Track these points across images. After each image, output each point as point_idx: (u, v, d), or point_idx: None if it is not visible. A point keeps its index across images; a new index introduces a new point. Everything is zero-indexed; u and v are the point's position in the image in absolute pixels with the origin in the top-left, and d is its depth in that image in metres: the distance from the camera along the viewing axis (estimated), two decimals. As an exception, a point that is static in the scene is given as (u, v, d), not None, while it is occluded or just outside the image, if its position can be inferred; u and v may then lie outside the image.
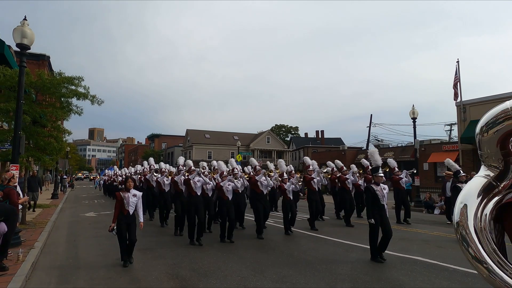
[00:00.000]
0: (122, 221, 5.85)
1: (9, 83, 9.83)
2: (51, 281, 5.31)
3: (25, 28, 7.66)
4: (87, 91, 11.47)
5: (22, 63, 7.90)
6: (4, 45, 9.09)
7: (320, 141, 57.22)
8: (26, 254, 6.35)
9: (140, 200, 6.09)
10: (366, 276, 5.43)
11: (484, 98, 18.12)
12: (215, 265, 6.08)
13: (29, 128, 10.60)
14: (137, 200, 6.01)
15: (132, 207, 5.96)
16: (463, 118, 18.64)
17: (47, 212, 13.29)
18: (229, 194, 8.30)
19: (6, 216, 5.47)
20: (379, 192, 6.43)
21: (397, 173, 11.42)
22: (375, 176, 6.72)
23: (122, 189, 6.13)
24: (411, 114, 17.53)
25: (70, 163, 36.57)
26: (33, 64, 25.35)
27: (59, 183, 24.29)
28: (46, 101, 12.02)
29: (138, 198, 6.05)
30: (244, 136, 60.19)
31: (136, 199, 6.01)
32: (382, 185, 6.58)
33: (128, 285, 5.04)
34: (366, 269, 5.86)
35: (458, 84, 18.14)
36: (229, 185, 8.34)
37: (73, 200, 20.95)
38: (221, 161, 10.38)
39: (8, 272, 5.32)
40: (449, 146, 26.22)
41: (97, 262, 6.36)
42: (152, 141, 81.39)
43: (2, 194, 6.09)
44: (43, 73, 11.31)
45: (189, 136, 58.66)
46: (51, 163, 12.37)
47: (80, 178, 66.18)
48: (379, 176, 6.67)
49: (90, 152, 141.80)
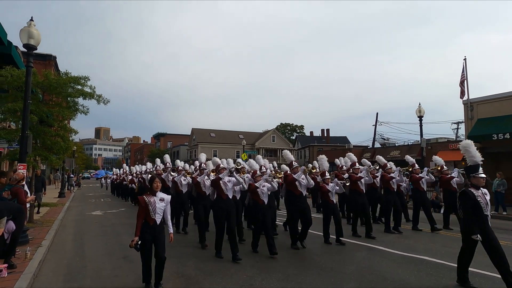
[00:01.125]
0: (147, 233, 4.62)
1: (16, 83, 9.93)
2: (58, 279, 5.37)
3: (32, 29, 7.73)
4: (93, 90, 11.56)
5: (29, 63, 7.98)
6: (11, 45, 9.17)
7: (326, 140, 57.07)
8: (33, 252, 6.42)
9: (169, 205, 4.90)
10: (371, 276, 5.40)
11: (492, 96, 17.90)
12: (220, 264, 6.09)
13: (36, 128, 10.71)
14: (165, 205, 4.80)
15: (160, 215, 4.73)
16: (470, 117, 18.45)
17: (54, 211, 13.43)
18: (264, 197, 6.98)
19: (14, 215, 5.54)
20: (481, 198, 4.87)
21: (446, 172, 10.09)
22: (475, 177, 5.07)
23: (146, 192, 4.91)
24: (418, 112, 17.41)
25: (76, 162, 36.80)
26: (39, 64, 25.63)
27: (66, 182, 24.51)
28: (52, 101, 12.14)
29: (167, 203, 4.84)
30: (249, 135, 60.30)
31: (164, 204, 4.79)
32: (482, 190, 5.02)
33: (134, 284, 5.07)
34: (372, 269, 5.83)
35: (465, 82, 17.96)
36: (264, 186, 7.02)
37: (80, 199, 21.14)
38: (259, 156, 9.34)
39: (16, 270, 5.39)
40: (456, 144, 25.96)
41: (103, 261, 6.42)
42: (157, 140, 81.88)
43: (10, 193, 6.17)
44: (49, 73, 11.41)
45: (195, 135, 58.90)
46: (58, 162, 12.48)
47: (87, 177, 66.71)
48: (480, 177, 5.05)
49: (97, 151, 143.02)
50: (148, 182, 4.90)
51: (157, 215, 4.69)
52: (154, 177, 4.87)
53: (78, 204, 17.92)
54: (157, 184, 4.80)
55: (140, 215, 4.65)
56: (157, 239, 4.66)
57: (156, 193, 4.77)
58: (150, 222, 4.65)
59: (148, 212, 4.64)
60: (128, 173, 20.73)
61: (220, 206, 6.66)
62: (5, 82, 9.81)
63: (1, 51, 8.98)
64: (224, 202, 6.71)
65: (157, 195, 4.76)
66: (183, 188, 9.54)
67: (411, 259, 6.42)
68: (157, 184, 4.80)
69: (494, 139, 16.21)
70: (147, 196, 4.73)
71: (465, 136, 19.10)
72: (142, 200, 4.69)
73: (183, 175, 9.56)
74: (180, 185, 9.53)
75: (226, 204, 6.69)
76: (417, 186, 9.90)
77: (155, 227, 4.67)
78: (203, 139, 56.86)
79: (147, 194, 4.76)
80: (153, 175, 4.93)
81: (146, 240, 4.60)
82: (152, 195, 4.75)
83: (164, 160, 11.85)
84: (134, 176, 17.61)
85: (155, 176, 4.96)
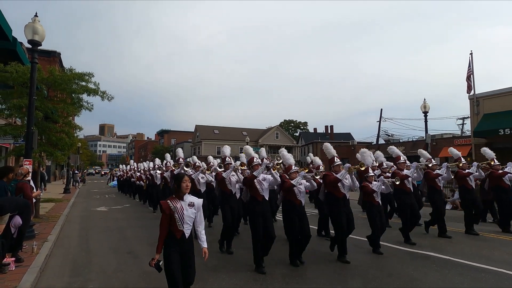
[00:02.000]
0: (174, 249, 3.53)
1: (21, 79, 9.98)
2: (64, 273, 5.41)
3: (36, 25, 7.75)
4: (97, 87, 11.60)
5: (34, 59, 8.00)
6: (16, 41, 9.20)
7: (329, 136, 56.90)
8: (40, 247, 6.48)
9: (201, 212, 3.76)
10: (376, 271, 5.38)
11: (498, 91, 17.73)
12: (224, 260, 6.10)
13: (41, 124, 10.78)
14: (195, 212, 3.67)
15: (189, 225, 3.61)
16: (477, 112, 18.29)
17: (59, 206, 13.53)
18: (301, 197, 5.79)
19: (21, 210, 5.58)
20: None
21: (497, 167, 8.82)
22: None
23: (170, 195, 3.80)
24: (423, 108, 17.28)
25: (81, 158, 37.03)
26: (44, 60, 25.76)
27: (71, 178, 24.67)
28: (57, 97, 12.19)
29: (198, 209, 3.70)
30: (253, 131, 60.29)
31: (195, 211, 3.65)
32: None
33: (139, 278, 5.10)
34: (377, 264, 5.81)
35: (471, 76, 17.79)
36: (300, 184, 5.81)
37: (84, 195, 21.28)
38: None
39: (23, 264, 5.45)
40: (462, 140, 25.80)
41: (108, 256, 6.46)
42: (161, 136, 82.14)
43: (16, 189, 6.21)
44: (54, 70, 11.47)
45: (198, 132, 58.99)
46: (62, 158, 12.57)
47: (92, 174, 67.09)
48: None
49: (101, 147, 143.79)
50: (174, 181, 3.70)
51: (186, 226, 3.55)
52: (182, 175, 3.64)
53: (83, 200, 18.03)
54: (187, 183, 3.59)
55: (163, 225, 3.50)
56: (186, 257, 3.59)
57: (184, 196, 3.60)
58: (177, 235, 3.53)
59: (174, 221, 3.49)
60: (135, 169, 19.44)
61: (255, 210, 5.57)
62: (11, 78, 9.86)
63: (6, 47, 9.00)
64: (260, 204, 5.65)
65: (185, 199, 3.60)
66: (201, 187, 8.67)
67: (417, 255, 6.38)
68: (187, 183, 3.59)
69: (500, 134, 16.08)
70: (172, 201, 3.55)
71: (471, 131, 18.94)
72: (166, 206, 3.50)
73: (201, 172, 8.45)
74: (198, 184, 8.57)
75: (262, 207, 5.65)
76: (465, 183, 8.46)
77: (183, 242, 3.56)
78: (206, 135, 56.92)
79: (172, 198, 3.60)
80: (180, 174, 3.73)
81: (172, 259, 3.47)
82: (179, 199, 3.58)
83: (177, 155, 10.59)
84: (142, 173, 16.59)
85: (183, 173, 3.76)
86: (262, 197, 5.71)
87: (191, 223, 3.62)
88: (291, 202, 5.71)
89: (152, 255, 3.63)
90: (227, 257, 6.30)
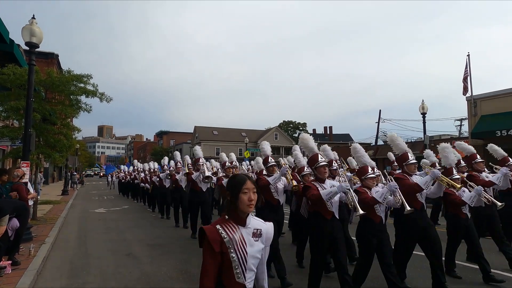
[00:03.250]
0: None
1: (19, 81, 9.95)
2: (62, 276, 5.39)
3: (34, 27, 7.74)
4: (96, 88, 11.57)
5: (32, 61, 7.98)
6: (14, 43, 9.17)
7: (329, 137, 57.01)
8: (37, 249, 6.46)
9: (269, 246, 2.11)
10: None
11: (496, 93, 17.79)
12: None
13: (39, 126, 10.74)
14: (264, 247, 2.04)
15: (254, 273, 2.00)
16: (474, 113, 18.35)
17: (57, 208, 13.48)
18: (334, 208, 4.22)
19: (18, 212, 5.56)
20: None
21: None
22: None
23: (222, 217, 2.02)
24: (421, 109, 17.31)
25: (79, 160, 36.86)
26: (42, 62, 25.69)
27: (69, 179, 24.60)
28: (55, 99, 12.16)
29: (266, 242, 2.07)
30: (252, 132, 60.30)
31: (262, 244, 2.03)
32: None
33: (138, 281, 5.09)
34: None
35: (468, 78, 17.85)
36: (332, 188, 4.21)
37: (83, 197, 21.22)
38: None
39: (20, 267, 5.42)
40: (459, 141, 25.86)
41: (106, 258, 6.44)
42: (160, 138, 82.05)
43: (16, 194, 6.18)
44: (52, 71, 11.44)
45: (197, 133, 58.95)
46: (61, 160, 12.52)
47: (90, 175, 66.98)
48: None
49: (99, 149, 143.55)
50: (228, 190, 2.02)
51: (249, 275, 1.97)
52: (242, 179, 2.00)
53: (81, 201, 17.99)
54: (250, 195, 1.95)
55: (209, 276, 1.88)
56: None
57: (248, 217, 2.00)
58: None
59: (229, 268, 1.92)
60: (140, 170, 17.52)
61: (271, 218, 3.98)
62: (8, 80, 9.83)
63: (3, 49, 8.98)
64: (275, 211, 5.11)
65: (248, 223, 1.99)
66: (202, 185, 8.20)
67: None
68: (250, 195, 1.95)
69: (497, 136, 16.12)
70: (225, 227, 1.94)
71: (469, 132, 18.99)
72: (214, 237, 1.90)
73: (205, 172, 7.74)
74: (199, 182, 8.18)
75: (278, 214, 5.13)
76: None
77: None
78: (205, 137, 56.88)
79: (224, 221, 1.97)
80: (238, 174, 2.18)
81: None
82: (237, 223, 1.97)
83: (196, 154, 8.75)
84: (147, 174, 14.99)
85: (243, 176, 2.04)
86: (277, 201, 5.24)
87: (255, 266, 2.00)
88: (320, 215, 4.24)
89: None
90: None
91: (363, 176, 4.45)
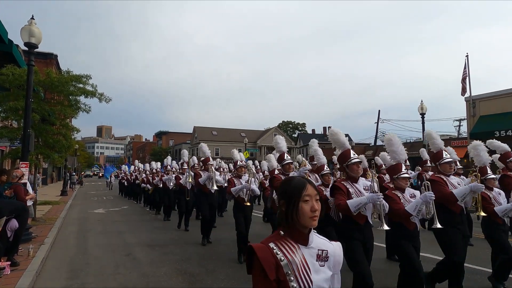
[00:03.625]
0: None
1: (18, 81, 9.95)
2: (61, 276, 5.38)
3: (33, 27, 7.73)
4: (95, 89, 11.58)
5: (31, 61, 7.97)
6: (12, 44, 9.16)
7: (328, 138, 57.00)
8: (36, 250, 6.44)
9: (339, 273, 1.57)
10: (375, 273, 5.37)
11: (494, 93, 17.84)
12: (223, 262, 6.09)
13: (38, 126, 10.73)
14: (331, 275, 1.54)
15: None
16: (473, 113, 18.39)
17: (56, 209, 13.46)
18: (368, 212, 3.76)
19: (17, 213, 5.55)
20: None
21: None
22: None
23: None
24: (420, 109, 17.34)
25: (78, 160, 36.73)
26: (41, 63, 25.66)
27: (68, 180, 24.57)
28: (54, 99, 12.16)
29: (334, 269, 1.56)
30: (251, 132, 60.32)
31: (329, 271, 1.52)
32: None
33: (137, 281, 5.08)
34: (374, 266, 5.81)
35: (466, 78, 17.90)
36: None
37: (82, 197, 21.19)
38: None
39: (19, 268, 5.40)
40: (458, 142, 25.85)
41: (106, 258, 6.43)
42: (159, 138, 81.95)
43: (12, 192, 6.17)
44: (51, 72, 11.44)
45: (197, 133, 58.98)
46: (60, 161, 12.52)
47: (89, 175, 66.92)
48: None
49: (99, 149, 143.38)
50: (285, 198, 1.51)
51: None
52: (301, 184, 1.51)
53: (80, 202, 17.96)
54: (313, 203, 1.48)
55: None
56: None
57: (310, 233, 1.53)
58: None
59: None
60: (141, 171, 17.00)
61: None
62: (7, 80, 9.83)
63: (2, 49, 8.95)
64: None
65: (311, 241, 1.52)
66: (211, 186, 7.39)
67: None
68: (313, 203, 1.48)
69: (496, 136, 16.14)
70: (280, 244, 1.47)
71: (468, 133, 19.03)
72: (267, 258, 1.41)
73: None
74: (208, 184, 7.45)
75: None
76: None
77: None
78: (205, 137, 56.85)
79: (280, 238, 1.50)
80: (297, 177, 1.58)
81: None
82: (297, 241, 1.50)
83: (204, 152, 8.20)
84: (148, 175, 14.32)
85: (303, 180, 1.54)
86: None
87: None
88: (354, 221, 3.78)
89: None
90: (225, 259, 6.29)
91: (396, 175, 3.94)
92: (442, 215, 3.98)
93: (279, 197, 1.56)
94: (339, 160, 4.20)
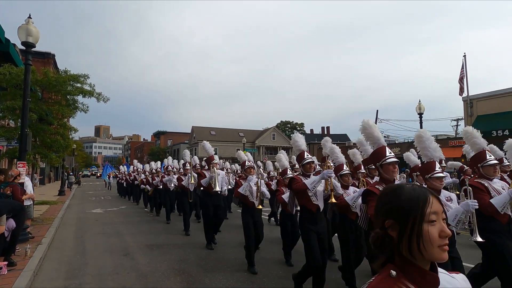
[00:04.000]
0: None
1: (14, 81, 9.91)
2: (58, 276, 5.36)
3: (30, 26, 7.69)
4: (93, 88, 11.55)
5: (28, 61, 7.93)
6: (9, 43, 9.13)
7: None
8: (33, 250, 6.41)
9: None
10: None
11: (491, 93, 17.93)
12: (221, 261, 6.09)
13: (35, 126, 10.70)
14: None
15: None
16: (470, 113, 18.47)
17: (54, 209, 13.41)
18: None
19: (15, 212, 5.53)
20: None
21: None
22: None
23: None
24: (418, 109, 17.35)
25: (76, 160, 36.55)
26: (38, 62, 25.61)
27: (65, 180, 24.48)
28: (52, 99, 12.13)
29: None
30: (250, 132, 60.30)
31: None
32: None
33: (135, 281, 5.07)
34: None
35: (464, 78, 17.96)
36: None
37: (80, 197, 21.12)
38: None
39: (16, 268, 5.37)
40: (456, 141, 25.94)
41: (104, 258, 6.41)
42: (157, 138, 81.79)
43: (10, 190, 6.15)
44: (48, 71, 11.41)
45: (195, 133, 58.88)
46: (57, 160, 12.48)
47: (87, 175, 66.75)
48: None
49: (96, 149, 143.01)
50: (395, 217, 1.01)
51: None
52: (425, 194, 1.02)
53: (78, 202, 17.90)
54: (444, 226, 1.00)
55: None
56: None
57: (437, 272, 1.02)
58: None
59: None
60: (140, 171, 16.72)
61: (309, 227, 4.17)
62: (4, 80, 9.80)
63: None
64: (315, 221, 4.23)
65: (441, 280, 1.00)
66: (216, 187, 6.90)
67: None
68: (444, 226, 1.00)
69: (493, 136, 16.22)
70: None
71: (465, 132, 19.09)
72: None
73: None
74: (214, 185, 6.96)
75: (319, 225, 4.24)
76: None
77: None
78: (203, 137, 56.62)
79: (393, 283, 0.97)
80: (414, 186, 1.07)
81: None
82: (419, 285, 0.97)
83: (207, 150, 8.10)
84: (148, 175, 14.20)
85: (425, 191, 1.03)
86: (317, 208, 4.24)
87: None
88: None
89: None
90: (223, 258, 6.28)
91: (428, 174, 3.46)
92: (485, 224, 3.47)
93: (383, 215, 1.05)
94: (372, 159, 3.76)
